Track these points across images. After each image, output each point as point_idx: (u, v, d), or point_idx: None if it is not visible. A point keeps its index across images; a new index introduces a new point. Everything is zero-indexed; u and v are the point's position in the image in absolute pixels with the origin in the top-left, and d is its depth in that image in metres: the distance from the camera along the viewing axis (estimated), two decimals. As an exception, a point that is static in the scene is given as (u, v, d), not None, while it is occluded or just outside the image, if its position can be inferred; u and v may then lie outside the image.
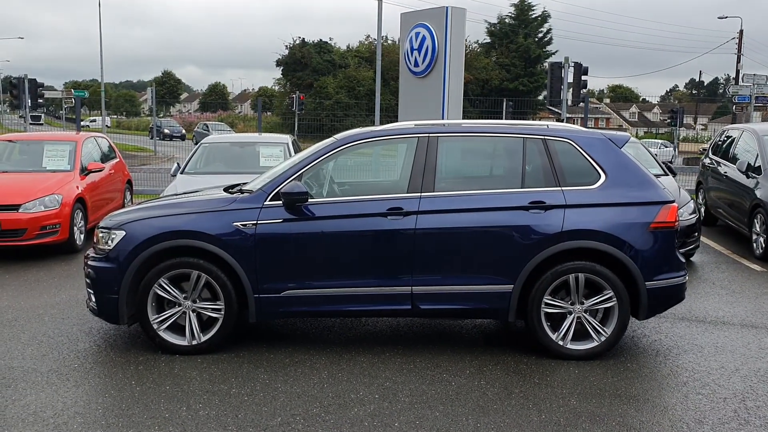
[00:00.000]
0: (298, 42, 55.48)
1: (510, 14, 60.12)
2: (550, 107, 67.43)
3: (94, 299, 5.60)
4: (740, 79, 39.09)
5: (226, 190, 6.11)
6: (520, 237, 5.40)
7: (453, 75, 11.05)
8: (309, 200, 5.43)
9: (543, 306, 5.44)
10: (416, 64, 11.51)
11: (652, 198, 5.54)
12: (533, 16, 60.11)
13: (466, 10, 11.33)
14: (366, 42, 59.00)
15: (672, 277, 5.54)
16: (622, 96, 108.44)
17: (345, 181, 6.67)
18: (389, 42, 57.49)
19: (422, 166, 5.55)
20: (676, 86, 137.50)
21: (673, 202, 5.60)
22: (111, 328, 6.12)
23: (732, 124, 43.87)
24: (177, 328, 5.53)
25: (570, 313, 5.48)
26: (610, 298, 5.43)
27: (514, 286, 5.43)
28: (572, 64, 20.27)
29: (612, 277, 5.40)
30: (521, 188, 5.54)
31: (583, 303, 5.46)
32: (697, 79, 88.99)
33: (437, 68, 11.19)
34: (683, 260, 5.67)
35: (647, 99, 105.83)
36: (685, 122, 46.39)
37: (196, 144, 13.07)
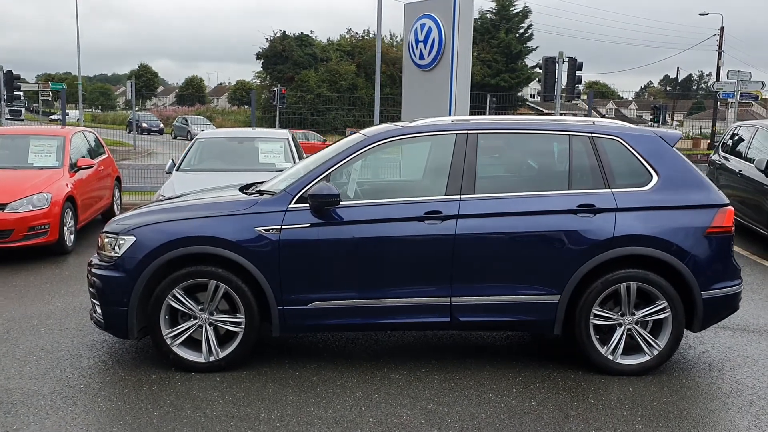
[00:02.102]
0: (278, 35, 54.68)
1: (491, 10, 59.86)
2: (531, 103, 67.28)
3: (100, 311, 5.08)
4: (723, 76, 39.18)
5: (242, 190, 5.61)
6: (568, 243, 4.97)
7: (461, 68, 10.60)
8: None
9: (592, 318, 5.02)
10: (421, 57, 11.05)
11: (707, 201, 5.15)
12: (514, 11, 59.88)
13: (474, 0, 10.89)
14: (347, 35, 58.37)
15: (728, 285, 5.16)
16: (599, 92, 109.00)
17: (364, 180, 6.18)
18: (372, 35, 56.96)
19: (461, 166, 5.09)
20: (651, 82, 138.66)
21: (728, 205, 5.21)
22: (115, 341, 5.60)
23: (712, 120, 44.00)
24: (192, 344, 5.03)
25: (620, 325, 5.07)
26: (663, 309, 5.03)
27: (561, 297, 5.00)
28: (566, 60, 19.92)
29: (666, 286, 5.00)
30: (568, 190, 5.11)
31: (634, 314, 5.06)
32: (673, 76, 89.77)
33: (444, 61, 10.73)
34: (739, 267, 5.29)
35: (622, 95, 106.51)
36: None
37: (175, 138, 12.50)
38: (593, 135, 5.23)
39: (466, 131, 5.20)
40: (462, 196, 5.02)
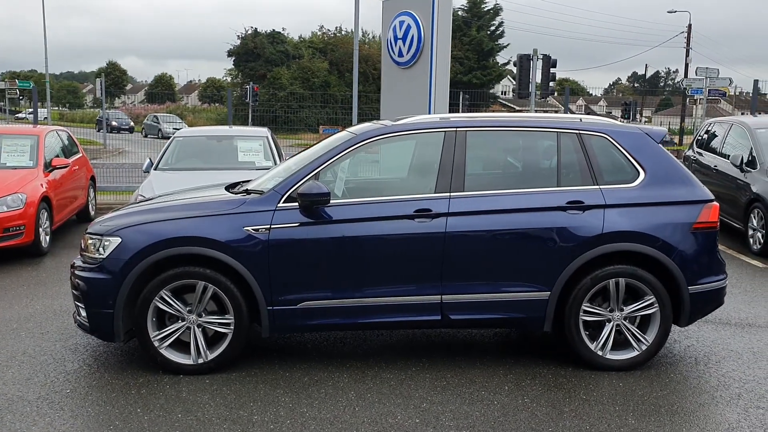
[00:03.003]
0: (250, 32, 54.20)
1: (463, 7, 59.99)
2: (502, 100, 67.62)
3: (84, 314, 4.97)
4: (691, 73, 39.77)
5: (228, 189, 5.54)
6: (558, 240, 4.99)
7: (440, 65, 10.59)
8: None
9: (581, 314, 5.05)
10: (400, 54, 11.02)
11: (693, 197, 5.21)
12: (485, 9, 60.11)
13: (452, -2, 10.89)
14: (320, 33, 58.10)
15: (714, 280, 5.23)
16: (569, 89, 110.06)
17: (353, 179, 6.13)
18: (345, 33, 56.80)
19: (450, 163, 5.08)
20: (619, 79, 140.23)
21: (713, 200, 5.27)
22: (99, 344, 5.49)
23: (680, 117, 44.65)
24: (181, 346, 4.95)
25: (609, 320, 5.10)
26: (651, 304, 5.07)
27: (551, 293, 5.02)
28: (541, 57, 20.04)
29: (654, 282, 5.05)
30: (557, 187, 5.13)
31: (622, 310, 5.09)
32: (640, 73, 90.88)
33: (423, 58, 10.71)
34: (724, 262, 5.36)
35: (591, 92, 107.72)
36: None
37: (146, 136, 12.35)
38: (581, 132, 5.25)
39: (454, 129, 5.18)
40: (452, 194, 5.01)
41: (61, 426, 4.14)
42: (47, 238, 8.97)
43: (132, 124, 46.29)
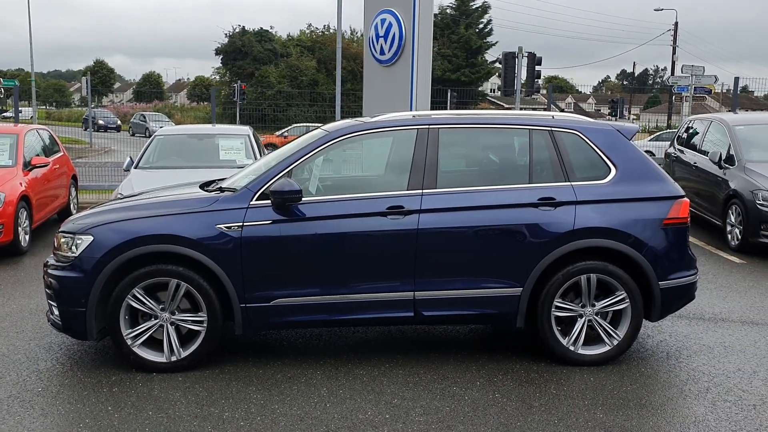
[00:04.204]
0: (238, 30, 54.07)
1: (451, 5, 60.01)
2: (491, 97, 67.64)
3: (57, 312, 4.96)
4: (677, 71, 39.91)
5: (202, 187, 5.54)
6: (529, 236, 5.03)
7: (421, 63, 10.60)
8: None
9: (553, 309, 5.09)
10: (382, 52, 11.02)
11: (663, 192, 5.25)
12: (474, 6, 60.15)
13: (434, -4, 10.90)
14: (308, 31, 58.01)
15: (685, 275, 5.28)
16: (558, 87, 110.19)
17: (327, 176, 6.15)
18: (333, 31, 56.67)
19: (423, 160, 5.10)
20: (608, 77, 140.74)
21: (684, 196, 5.32)
22: (73, 343, 5.49)
23: (667, 114, 44.86)
24: (154, 344, 4.95)
25: (581, 316, 5.14)
26: (622, 300, 5.12)
27: (524, 289, 5.06)
28: (526, 55, 20.11)
29: (625, 277, 5.09)
30: (529, 184, 5.16)
31: (594, 305, 5.14)
32: (629, 70, 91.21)
33: (404, 56, 10.70)
34: (695, 257, 5.41)
35: (580, 90, 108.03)
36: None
37: (133, 135, 12.30)
38: (553, 129, 5.29)
39: (427, 126, 5.21)
40: (424, 191, 5.03)
41: (30, 424, 4.14)
42: (26, 237, 8.93)
43: (119, 122, 46.10)
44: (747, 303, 6.92)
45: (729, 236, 9.55)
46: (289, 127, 32.53)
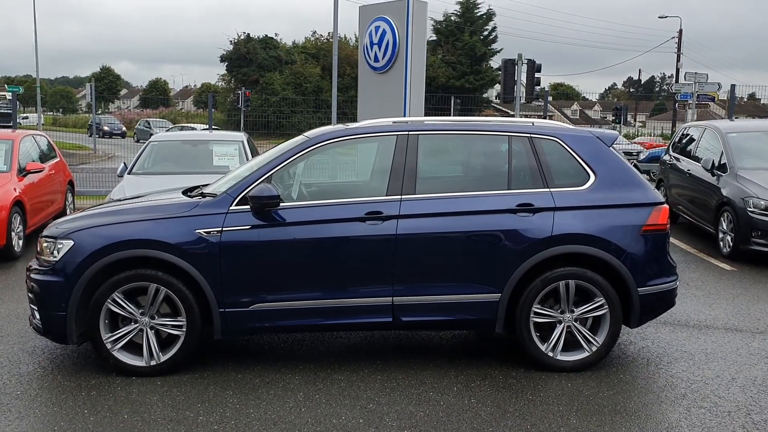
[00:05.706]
0: (243, 37, 54.32)
1: (456, 12, 60.15)
2: (495, 104, 67.84)
3: (38, 316, 5.01)
4: (681, 78, 39.90)
5: (185, 193, 5.58)
6: (507, 242, 5.05)
7: (415, 70, 10.67)
8: (280, 204, 4.96)
9: (532, 315, 5.10)
10: (376, 59, 11.10)
11: (643, 199, 5.27)
12: (478, 14, 60.27)
13: (428, 3, 10.97)
14: (312, 38, 58.21)
15: (664, 282, 5.28)
16: (563, 94, 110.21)
17: (311, 182, 6.19)
18: (337, 38, 56.85)
19: (402, 166, 5.13)
20: (615, 84, 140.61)
21: (663, 203, 5.33)
22: (57, 347, 5.53)
23: (672, 121, 44.81)
24: (133, 348, 4.99)
25: (560, 322, 5.15)
26: (601, 306, 5.13)
27: (502, 295, 5.07)
28: (525, 62, 20.14)
29: (603, 284, 5.10)
30: (507, 190, 5.18)
31: (573, 311, 5.15)
32: (635, 78, 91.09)
33: (398, 63, 10.79)
34: (674, 264, 5.42)
35: (587, 97, 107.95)
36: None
37: (138, 141, 12.38)
38: (532, 136, 5.31)
39: (406, 132, 5.24)
40: (403, 197, 5.06)
41: (5, 427, 4.17)
42: (20, 242, 9.00)
43: (124, 128, 46.38)
44: (733, 310, 6.91)
45: (721, 243, 9.53)
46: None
